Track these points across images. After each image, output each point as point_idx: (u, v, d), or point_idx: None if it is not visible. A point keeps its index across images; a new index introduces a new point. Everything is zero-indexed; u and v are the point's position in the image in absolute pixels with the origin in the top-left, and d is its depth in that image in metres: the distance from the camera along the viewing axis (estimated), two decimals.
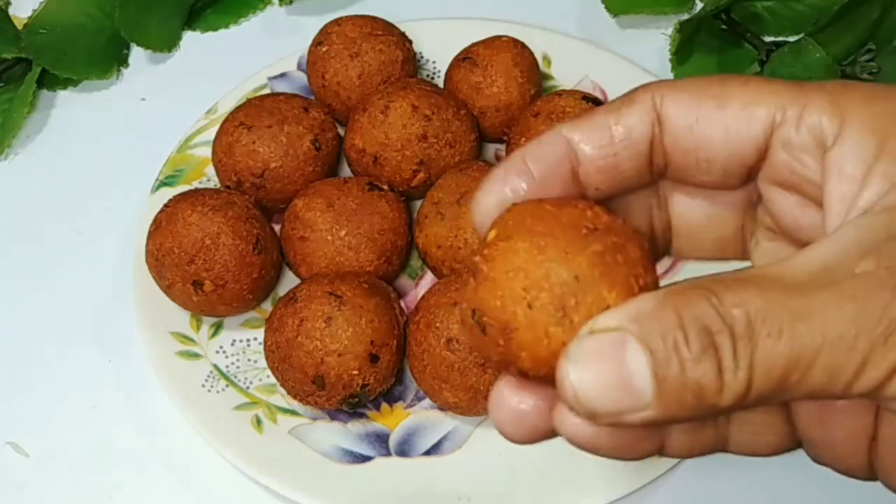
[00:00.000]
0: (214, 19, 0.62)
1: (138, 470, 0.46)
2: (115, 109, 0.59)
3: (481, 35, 0.53)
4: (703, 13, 0.55)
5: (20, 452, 0.47)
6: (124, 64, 0.61)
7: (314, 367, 0.43)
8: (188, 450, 0.46)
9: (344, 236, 0.47)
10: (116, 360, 0.50)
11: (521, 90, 0.51)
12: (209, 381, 0.46)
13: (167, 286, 0.46)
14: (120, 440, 0.47)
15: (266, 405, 0.46)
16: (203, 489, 0.46)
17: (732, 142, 0.25)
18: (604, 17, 0.59)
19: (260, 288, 0.47)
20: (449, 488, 0.43)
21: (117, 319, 0.50)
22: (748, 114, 0.24)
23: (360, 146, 0.49)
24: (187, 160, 0.53)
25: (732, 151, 0.25)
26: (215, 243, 0.45)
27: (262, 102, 0.50)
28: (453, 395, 0.43)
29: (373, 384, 0.44)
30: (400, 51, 0.52)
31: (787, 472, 0.44)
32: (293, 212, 0.48)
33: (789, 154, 0.24)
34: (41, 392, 0.49)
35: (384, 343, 0.44)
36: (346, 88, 0.52)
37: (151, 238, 0.46)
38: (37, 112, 0.59)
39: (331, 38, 0.52)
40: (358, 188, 0.48)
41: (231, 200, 0.47)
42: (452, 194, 0.46)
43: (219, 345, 0.48)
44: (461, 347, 0.42)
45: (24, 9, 0.61)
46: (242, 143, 0.49)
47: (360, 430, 0.45)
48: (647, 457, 0.25)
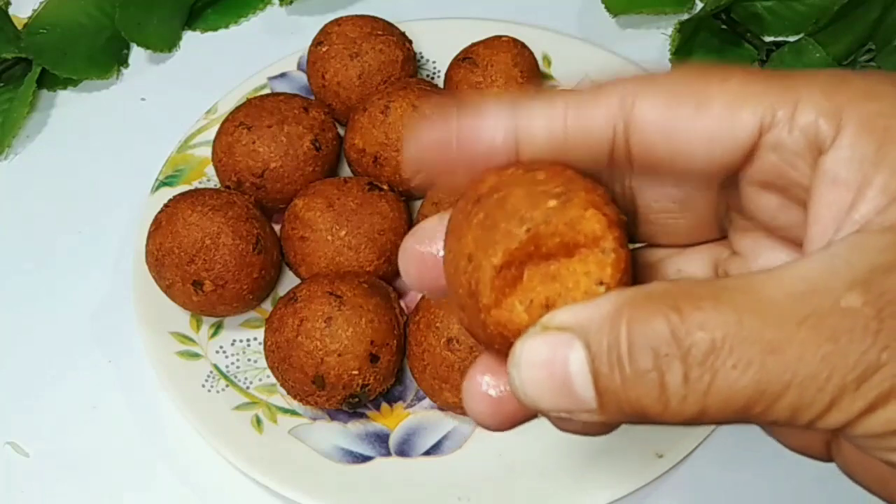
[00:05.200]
0: (214, 19, 0.63)
1: (138, 470, 0.46)
2: (115, 109, 0.59)
3: (481, 35, 0.53)
4: (703, 13, 0.55)
5: (20, 452, 0.47)
6: (124, 64, 0.61)
7: (314, 367, 0.43)
8: (188, 450, 0.46)
9: (344, 236, 0.47)
10: (116, 360, 0.50)
11: (521, 90, 0.51)
12: (209, 381, 0.46)
13: (167, 286, 0.46)
14: (120, 440, 0.47)
15: (266, 405, 0.46)
16: (203, 489, 0.46)
17: (715, 150, 0.22)
18: (604, 17, 0.59)
19: (260, 288, 0.47)
20: (449, 488, 0.43)
21: (117, 319, 0.50)
22: (732, 117, 0.22)
23: (360, 146, 0.49)
24: (187, 160, 0.53)
25: (714, 158, 0.23)
26: (215, 243, 0.45)
27: (262, 102, 0.50)
28: (453, 395, 0.43)
29: (373, 384, 0.44)
30: (400, 51, 0.52)
31: (788, 473, 0.44)
32: (293, 212, 0.48)
33: (780, 157, 0.22)
34: (41, 392, 0.49)
35: (384, 343, 0.44)
36: (346, 88, 0.52)
37: (151, 238, 0.46)
38: (37, 112, 0.59)
39: (331, 38, 0.52)
40: (358, 188, 0.48)
41: (231, 200, 0.47)
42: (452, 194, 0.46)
43: (219, 345, 0.48)
44: (461, 347, 0.42)
45: (24, 9, 0.61)
46: (242, 143, 0.49)
47: (360, 430, 0.45)
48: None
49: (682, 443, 0.43)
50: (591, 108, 0.23)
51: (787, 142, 0.22)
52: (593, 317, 0.21)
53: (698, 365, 0.20)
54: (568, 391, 0.21)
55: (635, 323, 0.20)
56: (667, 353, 0.20)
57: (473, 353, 0.42)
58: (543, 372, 0.21)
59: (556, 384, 0.21)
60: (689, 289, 0.20)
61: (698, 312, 0.20)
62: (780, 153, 0.22)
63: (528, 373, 0.21)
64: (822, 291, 0.20)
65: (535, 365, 0.21)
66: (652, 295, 0.20)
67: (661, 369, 0.20)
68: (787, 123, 0.22)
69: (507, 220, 0.22)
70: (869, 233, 0.21)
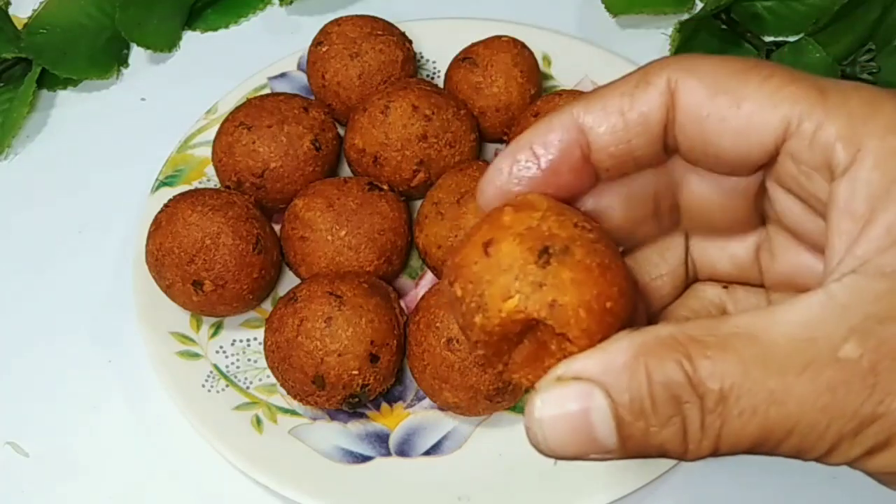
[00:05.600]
0: (214, 19, 0.63)
1: (138, 470, 0.46)
2: (115, 109, 0.59)
3: (481, 35, 0.53)
4: (703, 13, 0.55)
5: (20, 452, 0.47)
6: (124, 64, 0.61)
7: (314, 367, 0.43)
8: (188, 450, 0.46)
9: (344, 236, 0.47)
10: (116, 360, 0.50)
11: (521, 90, 0.51)
12: (209, 381, 0.46)
13: (167, 286, 0.46)
14: (120, 440, 0.47)
15: (266, 405, 0.46)
16: (203, 489, 0.46)
17: (741, 144, 0.24)
18: (604, 17, 0.59)
19: (260, 288, 0.47)
20: (449, 488, 0.43)
21: (117, 319, 0.50)
22: (761, 119, 0.23)
23: (360, 146, 0.49)
24: (187, 160, 0.53)
25: (741, 152, 0.24)
26: (215, 243, 0.45)
27: (262, 102, 0.50)
28: (453, 395, 0.43)
29: (373, 384, 0.44)
30: (400, 51, 0.52)
31: (788, 474, 0.44)
32: (293, 212, 0.48)
33: (797, 168, 0.23)
34: (41, 392, 0.49)
35: (384, 343, 0.44)
36: (346, 88, 0.52)
37: (151, 238, 0.46)
38: (37, 112, 0.59)
39: (331, 38, 0.52)
40: (358, 188, 0.48)
41: (231, 200, 0.47)
42: (452, 194, 0.46)
43: (219, 345, 0.48)
44: (461, 347, 0.42)
45: (24, 9, 0.61)
46: (242, 143, 0.49)
47: (360, 430, 0.45)
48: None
49: None
50: (643, 95, 0.24)
51: (806, 155, 0.23)
52: (609, 367, 0.22)
53: (710, 412, 0.21)
54: (591, 439, 0.22)
55: (654, 373, 0.21)
56: (687, 400, 0.21)
57: (473, 353, 0.42)
58: (566, 425, 0.22)
59: (580, 435, 0.22)
60: (694, 336, 0.21)
61: (707, 362, 0.21)
62: (798, 164, 0.23)
63: (550, 427, 0.22)
64: (821, 339, 0.21)
65: (557, 418, 0.22)
66: (663, 341, 0.22)
67: (684, 417, 0.21)
68: (808, 138, 0.22)
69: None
70: (866, 276, 0.21)
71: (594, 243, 0.24)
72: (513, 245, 0.24)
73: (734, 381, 0.21)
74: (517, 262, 0.23)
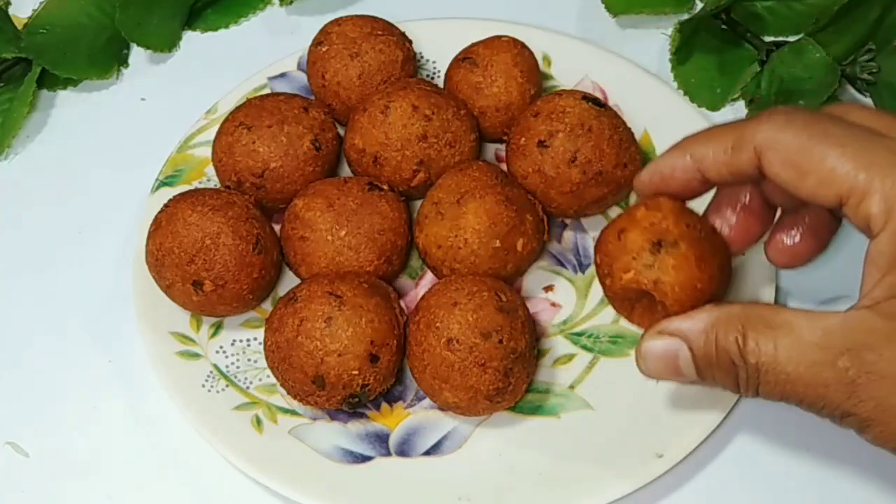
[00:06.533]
0: (214, 19, 0.62)
1: (138, 470, 0.46)
2: (115, 109, 0.59)
3: (481, 35, 0.53)
4: (703, 13, 0.55)
5: (20, 452, 0.47)
6: (124, 64, 0.61)
7: (314, 367, 0.43)
8: (188, 450, 0.46)
9: (344, 236, 0.47)
10: (116, 360, 0.50)
11: (521, 90, 0.51)
12: (209, 380, 0.46)
13: (167, 286, 0.46)
14: (120, 440, 0.47)
15: (266, 405, 0.46)
16: (203, 489, 0.46)
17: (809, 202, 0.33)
18: (604, 17, 0.59)
19: (260, 288, 0.47)
20: (449, 488, 0.43)
21: (117, 319, 0.50)
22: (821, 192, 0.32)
23: (360, 146, 0.49)
24: (187, 160, 0.53)
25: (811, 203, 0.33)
26: (215, 243, 0.45)
27: (262, 102, 0.50)
28: (453, 395, 0.43)
29: (373, 384, 0.44)
30: (400, 51, 0.52)
31: (788, 473, 0.44)
32: (293, 212, 0.48)
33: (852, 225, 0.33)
34: (41, 392, 0.49)
35: (384, 343, 0.44)
36: (346, 88, 0.52)
37: (151, 238, 0.46)
38: (37, 112, 0.59)
39: (331, 38, 0.52)
40: (358, 188, 0.48)
41: (231, 200, 0.47)
42: (452, 194, 0.46)
43: (219, 345, 0.48)
44: (461, 347, 0.42)
45: (24, 9, 0.61)
46: (242, 143, 0.49)
47: (360, 430, 0.45)
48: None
49: (681, 443, 0.43)
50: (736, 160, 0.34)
51: (854, 220, 0.32)
52: (692, 330, 0.34)
53: (749, 376, 0.33)
54: (677, 373, 0.35)
55: (720, 341, 0.33)
56: (737, 364, 0.33)
57: (473, 353, 0.42)
58: (661, 362, 0.35)
59: (670, 369, 0.35)
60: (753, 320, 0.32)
61: (752, 342, 0.32)
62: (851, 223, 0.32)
63: (652, 361, 0.35)
64: (830, 348, 0.31)
65: (657, 357, 0.35)
66: (731, 319, 0.33)
67: (735, 372, 0.33)
68: (854, 208, 0.31)
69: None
70: (872, 313, 0.31)
71: (698, 240, 0.35)
72: (637, 235, 0.35)
73: (765, 361, 0.32)
74: (637, 248, 0.34)
